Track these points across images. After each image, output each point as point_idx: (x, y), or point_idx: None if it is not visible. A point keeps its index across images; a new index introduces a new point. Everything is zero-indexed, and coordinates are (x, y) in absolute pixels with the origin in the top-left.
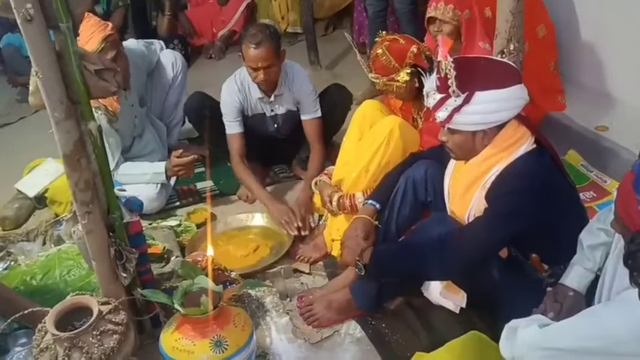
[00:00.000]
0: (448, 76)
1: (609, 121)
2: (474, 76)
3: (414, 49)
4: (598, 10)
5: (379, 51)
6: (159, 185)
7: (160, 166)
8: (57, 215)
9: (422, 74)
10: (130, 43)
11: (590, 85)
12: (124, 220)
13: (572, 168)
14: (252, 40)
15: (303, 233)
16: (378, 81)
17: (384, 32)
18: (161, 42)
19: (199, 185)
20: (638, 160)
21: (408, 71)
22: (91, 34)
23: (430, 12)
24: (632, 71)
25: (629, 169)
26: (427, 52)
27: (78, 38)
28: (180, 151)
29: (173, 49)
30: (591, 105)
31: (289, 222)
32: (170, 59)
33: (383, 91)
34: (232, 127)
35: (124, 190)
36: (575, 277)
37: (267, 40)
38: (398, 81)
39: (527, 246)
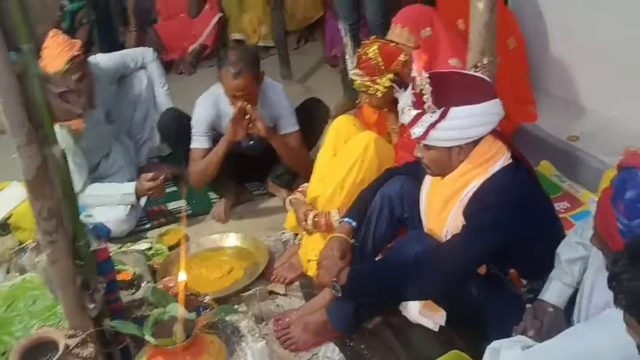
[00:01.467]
0: (423, 92)
1: (579, 131)
2: (450, 91)
3: (403, 57)
4: (566, 21)
5: (370, 52)
6: (128, 207)
7: (130, 187)
8: (21, 242)
9: (398, 90)
10: (100, 60)
11: (560, 96)
12: (91, 248)
13: (546, 179)
14: (232, 68)
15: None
16: (358, 78)
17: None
18: (149, 50)
19: (170, 205)
20: (617, 175)
21: (391, 77)
22: (58, 53)
23: (388, 34)
24: (599, 81)
25: (600, 178)
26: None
27: (42, 55)
28: (151, 174)
29: None
30: (562, 115)
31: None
32: (136, 75)
33: (359, 91)
34: (200, 142)
35: (91, 217)
36: (554, 292)
37: (248, 68)
38: (379, 84)
39: (505, 261)
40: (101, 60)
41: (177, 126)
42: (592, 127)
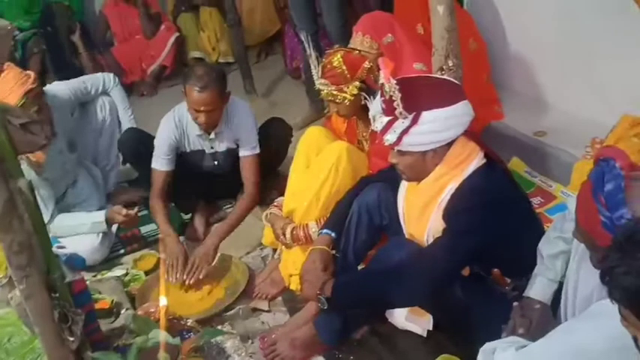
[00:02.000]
0: (393, 98)
1: (546, 126)
2: (419, 96)
3: (367, 64)
4: (522, 19)
5: (335, 61)
6: (100, 235)
7: (99, 215)
8: None
9: (367, 98)
10: (57, 89)
11: (524, 93)
12: (66, 280)
13: (518, 175)
14: (197, 82)
15: (186, 283)
16: (325, 88)
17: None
18: (110, 76)
19: (143, 229)
20: (594, 168)
21: (358, 85)
22: (11, 87)
23: (351, 42)
24: (558, 76)
25: (570, 171)
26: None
27: None
28: (125, 211)
29: None
30: (527, 112)
31: (173, 268)
32: (97, 101)
33: (326, 101)
34: (160, 163)
35: (64, 247)
36: (539, 289)
37: (213, 84)
38: (346, 93)
39: (488, 261)
40: (57, 89)
41: (137, 145)
42: (558, 122)
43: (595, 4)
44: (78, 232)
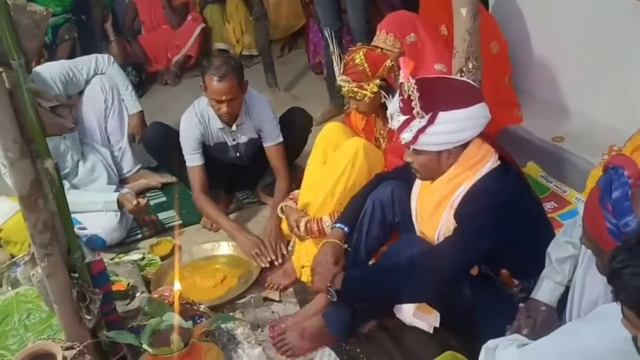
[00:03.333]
0: (411, 98)
1: (565, 132)
2: (437, 96)
3: (388, 63)
4: (547, 24)
5: (357, 58)
6: (118, 214)
7: (112, 196)
8: (13, 256)
9: (386, 96)
10: (42, 68)
11: (544, 98)
12: (86, 260)
13: (533, 179)
14: (216, 72)
15: (276, 264)
16: (346, 85)
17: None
18: (105, 56)
19: (161, 216)
20: (603, 176)
21: (378, 83)
22: None
23: (374, 40)
24: (582, 82)
25: (586, 177)
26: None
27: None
28: (135, 201)
29: (127, 76)
30: (547, 117)
31: (260, 254)
32: (97, 84)
33: (347, 97)
34: (192, 160)
35: (85, 229)
36: (545, 291)
37: (231, 72)
38: (366, 90)
39: (497, 262)
40: (43, 69)
41: (162, 141)
42: (577, 128)
43: (624, 13)
44: (89, 210)
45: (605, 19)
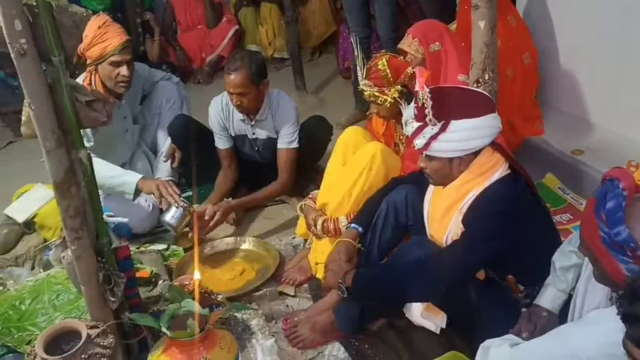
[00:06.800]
0: (425, 106)
1: (585, 146)
2: (450, 105)
3: (410, 70)
4: (574, 39)
5: (380, 64)
6: (151, 205)
7: (133, 180)
8: (46, 240)
9: (401, 103)
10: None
11: (566, 111)
12: (113, 246)
13: (550, 191)
14: (230, 65)
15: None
16: (368, 89)
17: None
18: (177, 79)
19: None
20: (600, 186)
21: (399, 89)
22: (118, 33)
23: (400, 44)
24: (605, 97)
25: None
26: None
27: (102, 37)
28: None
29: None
30: (568, 130)
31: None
32: (166, 93)
33: (368, 101)
34: (221, 142)
35: (113, 216)
36: (548, 298)
37: (244, 67)
38: (387, 95)
39: (503, 268)
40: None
41: (185, 132)
42: (597, 142)
43: None
44: (105, 184)
45: (631, 34)
